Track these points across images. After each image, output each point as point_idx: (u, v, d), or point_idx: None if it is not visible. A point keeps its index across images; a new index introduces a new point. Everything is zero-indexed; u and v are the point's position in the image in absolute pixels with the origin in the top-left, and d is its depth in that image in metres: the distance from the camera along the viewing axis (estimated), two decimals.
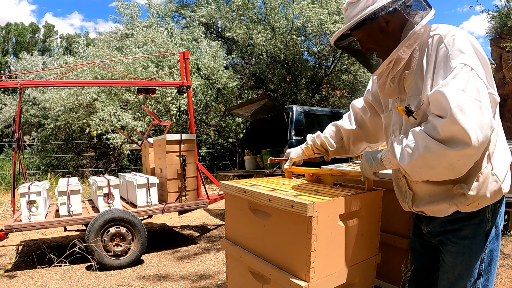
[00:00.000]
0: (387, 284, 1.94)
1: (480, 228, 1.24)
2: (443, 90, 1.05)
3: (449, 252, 1.28)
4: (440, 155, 1.05)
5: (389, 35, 1.24)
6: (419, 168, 1.12)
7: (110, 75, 9.60)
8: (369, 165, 1.34)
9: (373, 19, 1.22)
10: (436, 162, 1.07)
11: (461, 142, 1.02)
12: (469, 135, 1.00)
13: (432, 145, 1.06)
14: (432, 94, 1.09)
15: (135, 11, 12.32)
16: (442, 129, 1.04)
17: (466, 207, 1.19)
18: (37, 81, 7.11)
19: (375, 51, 1.32)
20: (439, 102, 1.06)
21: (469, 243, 1.24)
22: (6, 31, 30.77)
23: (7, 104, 14.38)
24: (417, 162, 1.11)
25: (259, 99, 5.31)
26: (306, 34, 11.29)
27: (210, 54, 10.27)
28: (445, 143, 1.04)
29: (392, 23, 1.23)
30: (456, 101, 1.02)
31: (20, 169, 4.16)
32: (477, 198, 1.17)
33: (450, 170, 1.08)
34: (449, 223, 1.28)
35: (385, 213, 1.63)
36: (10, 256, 4.12)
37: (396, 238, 1.87)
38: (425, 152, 1.08)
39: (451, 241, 1.27)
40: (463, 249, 1.25)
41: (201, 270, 3.52)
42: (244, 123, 10.40)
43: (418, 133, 1.12)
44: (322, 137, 1.73)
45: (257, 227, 1.52)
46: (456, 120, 1.01)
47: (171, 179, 4.11)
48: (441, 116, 1.06)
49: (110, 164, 11.52)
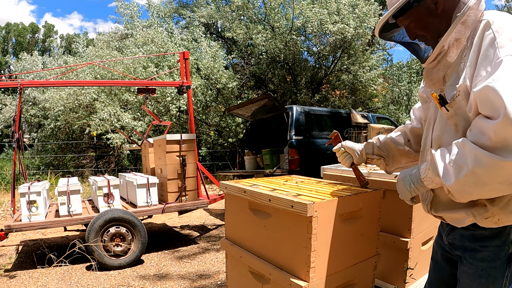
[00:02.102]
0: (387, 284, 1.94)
1: (502, 251, 1.08)
2: (494, 86, 0.89)
3: (466, 274, 1.14)
4: (495, 168, 0.89)
5: (439, 18, 1.09)
6: (468, 186, 0.94)
7: (110, 75, 9.60)
8: (406, 187, 1.17)
9: (420, 1, 1.08)
10: (490, 177, 0.91)
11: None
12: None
13: (483, 157, 0.90)
14: (480, 90, 0.92)
15: (135, 11, 12.32)
16: (495, 131, 0.88)
17: (484, 220, 1.05)
18: (37, 81, 7.11)
19: (425, 39, 1.16)
20: (489, 100, 0.90)
21: (487, 266, 1.09)
22: (6, 31, 30.76)
23: (7, 104, 14.38)
24: (466, 179, 0.94)
25: (259, 99, 5.31)
26: (306, 34, 11.29)
27: (210, 54, 10.27)
28: (499, 151, 0.88)
29: (441, 4, 1.09)
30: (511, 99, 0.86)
31: (20, 169, 4.16)
32: (499, 212, 1.02)
33: (506, 185, 0.91)
34: (468, 239, 1.14)
35: (385, 213, 1.63)
36: (10, 256, 4.12)
37: (396, 238, 1.87)
38: (475, 166, 0.91)
39: (468, 262, 1.14)
40: (480, 272, 1.10)
41: (201, 270, 3.52)
42: (244, 123, 10.39)
43: (463, 144, 0.96)
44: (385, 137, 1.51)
45: (257, 227, 1.52)
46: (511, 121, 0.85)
47: (171, 179, 4.11)
48: (490, 117, 0.90)
49: (110, 164, 11.52)
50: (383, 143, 1.49)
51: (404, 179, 1.18)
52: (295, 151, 5.16)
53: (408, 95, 12.37)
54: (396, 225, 1.91)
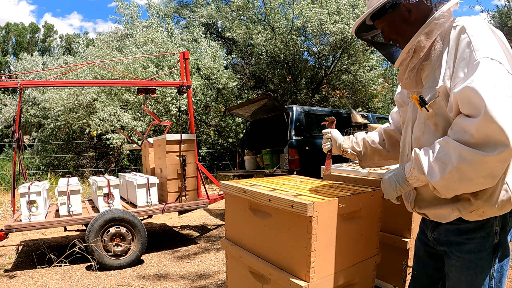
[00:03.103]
0: (387, 284, 1.94)
1: (487, 242, 1.13)
2: (474, 86, 0.94)
3: (454, 267, 1.19)
4: (478, 164, 0.93)
5: (411, 25, 1.17)
6: (454, 182, 0.99)
7: (110, 75, 9.60)
8: (392, 186, 1.21)
9: (395, 7, 1.16)
10: (474, 173, 0.95)
11: (499, 144, 0.90)
12: (507, 135, 0.89)
13: (467, 153, 0.94)
14: (460, 91, 0.97)
15: (135, 12, 12.32)
16: (477, 129, 0.92)
17: (469, 213, 1.09)
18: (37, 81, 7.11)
19: (397, 42, 1.24)
20: (470, 100, 0.94)
21: (474, 257, 1.14)
22: (6, 31, 30.76)
23: (7, 104, 14.37)
24: (451, 175, 0.98)
25: (259, 99, 5.31)
26: (306, 34, 11.29)
27: (210, 54, 10.27)
28: (481, 147, 0.92)
29: (415, 12, 1.17)
30: (491, 97, 0.91)
31: (20, 169, 4.16)
32: (482, 205, 1.07)
33: (489, 179, 0.96)
34: (453, 233, 1.18)
35: (385, 213, 1.63)
36: (10, 256, 4.12)
37: (396, 238, 1.87)
38: (460, 163, 0.95)
39: (455, 255, 1.18)
40: (468, 264, 1.15)
41: (201, 270, 3.52)
42: (244, 123, 10.39)
43: (446, 142, 1.00)
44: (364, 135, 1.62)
45: (257, 227, 1.52)
46: (492, 118, 0.89)
47: (171, 179, 4.11)
48: (471, 116, 0.95)
49: (110, 164, 11.52)
50: (360, 141, 1.59)
51: (389, 179, 1.22)
52: (295, 151, 5.16)
53: None
54: (396, 225, 1.91)
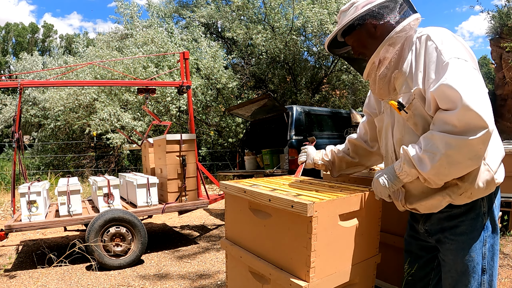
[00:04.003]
0: (387, 284, 1.94)
1: (477, 222, 1.23)
2: (448, 82, 1.05)
3: (449, 250, 1.27)
4: (464, 147, 1.04)
5: (377, 39, 1.28)
6: (444, 168, 1.09)
7: (110, 75, 9.60)
8: (384, 185, 1.29)
9: (362, 24, 1.29)
10: (461, 156, 1.06)
11: (479, 127, 1.01)
12: (484, 118, 1.01)
13: (452, 140, 1.05)
14: (436, 89, 1.09)
15: (135, 12, 12.32)
16: (458, 118, 1.03)
17: (459, 197, 1.19)
18: (37, 81, 7.11)
19: (365, 56, 1.34)
20: (446, 95, 1.06)
21: (467, 238, 1.23)
22: (6, 31, 30.75)
23: (7, 104, 14.37)
24: (441, 162, 1.08)
25: (259, 99, 5.31)
26: (306, 34, 11.29)
27: (210, 54, 10.27)
28: (464, 133, 1.03)
29: (380, 28, 1.28)
30: (465, 89, 1.03)
31: (20, 169, 4.16)
32: (470, 187, 1.17)
33: (475, 160, 1.07)
34: (446, 219, 1.27)
35: (385, 213, 1.63)
36: (10, 256, 4.12)
37: (396, 238, 1.87)
38: (447, 149, 1.06)
39: (449, 239, 1.27)
40: (462, 245, 1.24)
41: (201, 270, 3.52)
42: (244, 123, 10.39)
43: (432, 135, 1.10)
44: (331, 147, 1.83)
45: (257, 227, 1.52)
46: (469, 107, 1.01)
47: (171, 179, 4.11)
48: (450, 109, 1.06)
49: (110, 164, 11.52)
50: (328, 152, 1.80)
51: (380, 178, 1.31)
52: (295, 151, 5.16)
53: None
54: (396, 225, 1.91)
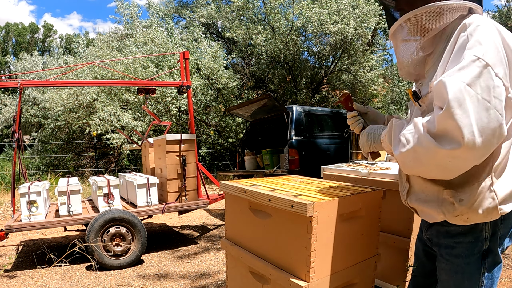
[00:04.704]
0: (387, 284, 1.94)
1: (475, 247, 1.11)
2: (445, 80, 0.94)
3: (444, 270, 1.18)
4: (430, 152, 0.95)
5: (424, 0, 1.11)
6: (408, 161, 1.03)
7: (110, 75, 9.60)
8: (368, 142, 1.27)
9: None
10: (426, 159, 0.97)
11: (453, 141, 0.90)
12: (463, 134, 0.88)
13: (424, 139, 0.97)
14: (436, 84, 0.98)
15: (135, 12, 12.32)
16: (438, 121, 0.93)
17: (454, 218, 1.08)
18: (37, 81, 7.11)
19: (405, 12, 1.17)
20: (440, 93, 0.96)
21: (462, 262, 1.12)
22: (6, 31, 30.76)
23: (7, 104, 14.37)
24: (408, 154, 1.01)
25: (259, 99, 5.31)
26: (306, 34, 11.29)
27: (210, 54, 10.27)
28: (437, 138, 0.94)
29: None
30: (456, 94, 0.90)
31: (20, 169, 4.16)
32: (467, 211, 1.05)
33: (441, 170, 0.98)
34: (443, 235, 1.17)
35: (385, 213, 1.63)
36: (10, 256, 4.12)
37: (396, 238, 1.87)
38: (416, 145, 0.99)
39: (444, 258, 1.18)
40: (456, 268, 1.14)
41: (201, 270, 3.52)
42: (244, 123, 10.39)
43: (416, 123, 1.01)
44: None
45: (257, 227, 1.52)
46: (451, 114, 0.90)
47: (171, 179, 4.11)
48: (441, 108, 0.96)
49: (110, 164, 11.52)
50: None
51: (368, 134, 1.28)
52: (295, 151, 5.16)
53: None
54: (396, 225, 1.91)
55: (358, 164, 2.47)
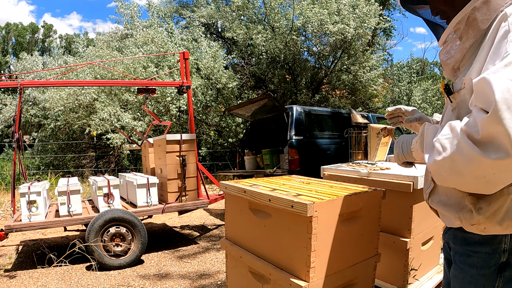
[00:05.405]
0: (387, 284, 1.94)
1: (492, 259, 1.02)
2: (490, 78, 0.82)
3: (456, 278, 1.11)
4: (472, 161, 0.82)
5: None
6: (444, 171, 0.90)
7: (110, 75, 9.60)
8: (399, 152, 1.17)
9: None
10: (466, 169, 0.84)
11: (501, 149, 0.78)
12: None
13: (465, 146, 0.83)
14: (477, 81, 0.86)
15: (135, 12, 12.32)
16: (482, 126, 0.80)
17: (470, 226, 1.01)
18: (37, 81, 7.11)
19: (446, 16, 1.08)
20: (484, 93, 0.83)
21: (477, 273, 1.04)
22: (6, 31, 30.77)
23: (7, 104, 14.36)
24: (444, 163, 0.89)
25: (259, 99, 5.31)
26: (306, 34, 11.29)
27: (210, 54, 10.27)
28: (482, 146, 0.81)
29: None
30: (504, 95, 0.78)
31: (20, 169, 4.16)
32: (484, 221, 0.97)
33: (482, 182, 0.84)
34: (460, 241, 1.10)
35: (385, 213, 1.63)
36: (10, 256, 4.12)
37: (396, 238, 1.87)
38: (455, 152, 0.85)
39: (458, 266, 1.10)
40: (469, 278, 1.06)
41: (201, 270, 3.52)
42: (244, 123, 10.39)
43: (454, 128, 0.89)
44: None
45: (257, 227, 1.52)
46: (499, 119, 0.77)
47: (171, 179, 4.11)
48: (485, 110, 0.83)
49: (110, 164, 11.52)
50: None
51: (399, 144, 1.19)
52: (295, 151, 5.16)
53: (408, 95, 12.37)
54: (396, 225, 1.91)
55: (358, 164, 2.47)
